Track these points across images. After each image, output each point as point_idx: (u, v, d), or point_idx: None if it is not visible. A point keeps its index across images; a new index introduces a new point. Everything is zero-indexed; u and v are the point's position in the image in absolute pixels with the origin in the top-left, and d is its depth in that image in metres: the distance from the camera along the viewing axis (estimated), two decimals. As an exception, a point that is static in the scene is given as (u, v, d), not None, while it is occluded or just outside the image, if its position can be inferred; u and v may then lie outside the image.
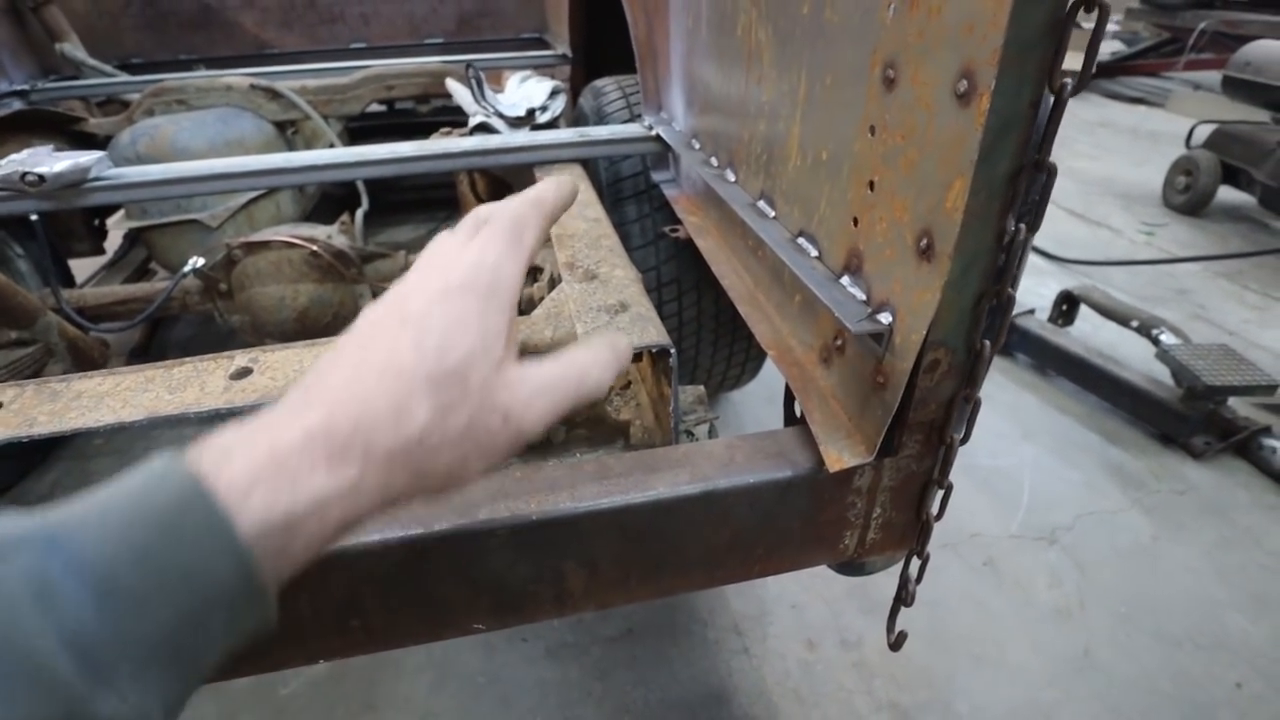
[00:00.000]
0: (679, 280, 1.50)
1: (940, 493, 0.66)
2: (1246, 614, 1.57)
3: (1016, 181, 0.49)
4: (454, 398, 0.37)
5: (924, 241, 0.51)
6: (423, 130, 2.05)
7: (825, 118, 0.65)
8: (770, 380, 2.01)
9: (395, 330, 0.38)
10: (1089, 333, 2.57)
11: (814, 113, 0.67)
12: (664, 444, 0.75)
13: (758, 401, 2.24)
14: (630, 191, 1.50)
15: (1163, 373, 2.16)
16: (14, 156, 1.05)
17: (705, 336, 1.62)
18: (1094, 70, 0.45)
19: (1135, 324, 2.24)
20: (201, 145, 1.78)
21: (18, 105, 1.90)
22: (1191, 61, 5.93)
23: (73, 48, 2.18)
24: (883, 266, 0.57)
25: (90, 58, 2.21)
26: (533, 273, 1.25)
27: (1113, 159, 4.83)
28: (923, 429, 0.62)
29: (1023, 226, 0.50)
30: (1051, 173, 0.48)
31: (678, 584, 0.68)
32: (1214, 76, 4.91)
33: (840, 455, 0.61)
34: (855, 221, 0.61)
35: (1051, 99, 0.45)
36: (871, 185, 0.58)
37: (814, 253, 0.69)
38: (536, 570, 0.62)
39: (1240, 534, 1.79)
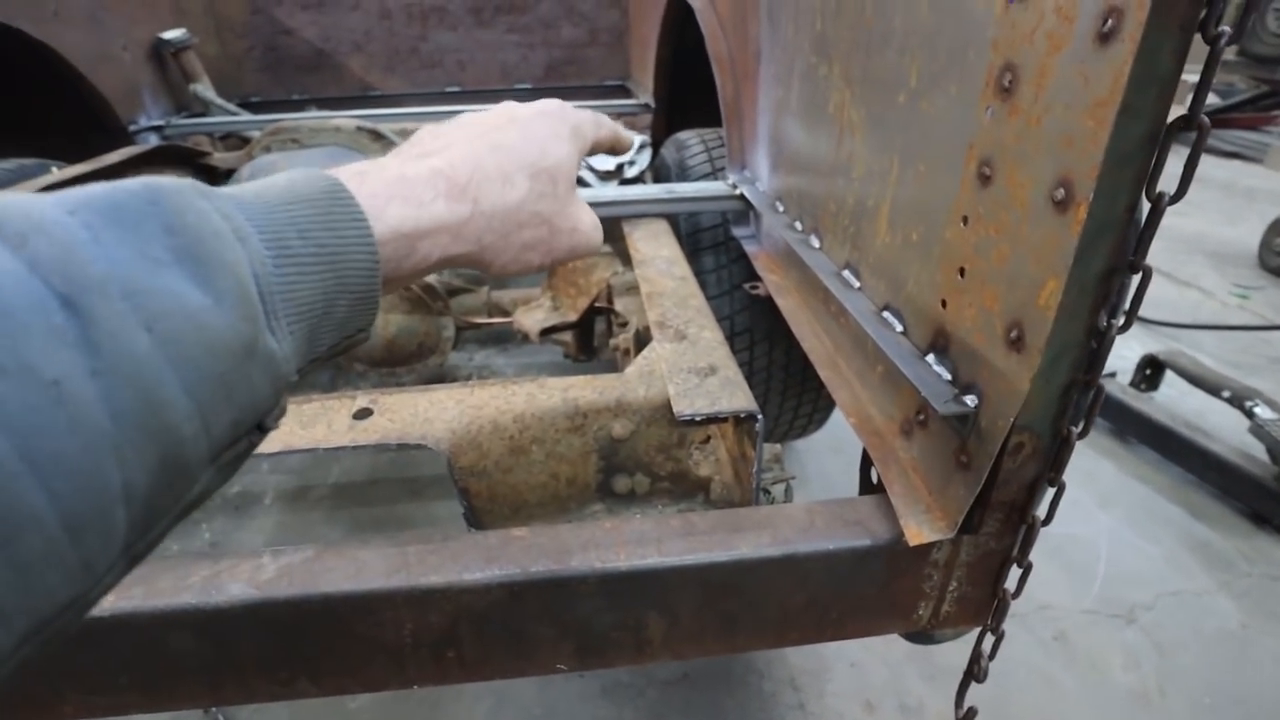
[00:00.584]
0: (751, 330, 1.53)
1: (1019, 571, 0.67)
2: (1346, 715, 1.47)
3: (1110, 281, 0.50)
4: (546, 188, 0.48)
5: (1014, 333, 0.53)
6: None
7: (917, 201, 0.68)
8: (835, 430, 2.00)
9: (505, 124, 0.49)
10: (1175, 399, 2.46)
11: (905, 194, 0.70)
12: (743, 502, 0.77)
13: (822, 450, 2.23)
14: (709, 243, 1.54)
15: (1255, 447, 2.06)
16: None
17: (774, 386, 1.64)
18: (1192, 176, 0.47)
19: (1227, 394, 2.14)
20: (311, 182, 1.92)
21: (154, 139, 2.09)
22: (1294, 118, 5.67)
23: (204, 88, 2.40)
24: (970, 350, 0.60)
25: (216, 97, 2.42)
26: (612, 316, 1.30)
27: (1204, 215, 4.64)
28: (1003, 508, 0.63)
29: (1115, 323, 0.52)
30: (1146, 274, 0.50)
31: (751, 641, 0.70)
32: (1319, 135, 4.68)
33: (920, 529, 0.63)
34: (944, 304, 0.64)
35: (1148, 205, 0.47)
36: (962, 272, 0.60)
37: (899, 327, 0.72)
38: (620, 618, 0.65)
39: (1340, 627, 1.67)
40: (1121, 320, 0.52)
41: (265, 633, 0.61)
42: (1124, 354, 2.81)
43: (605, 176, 1.35)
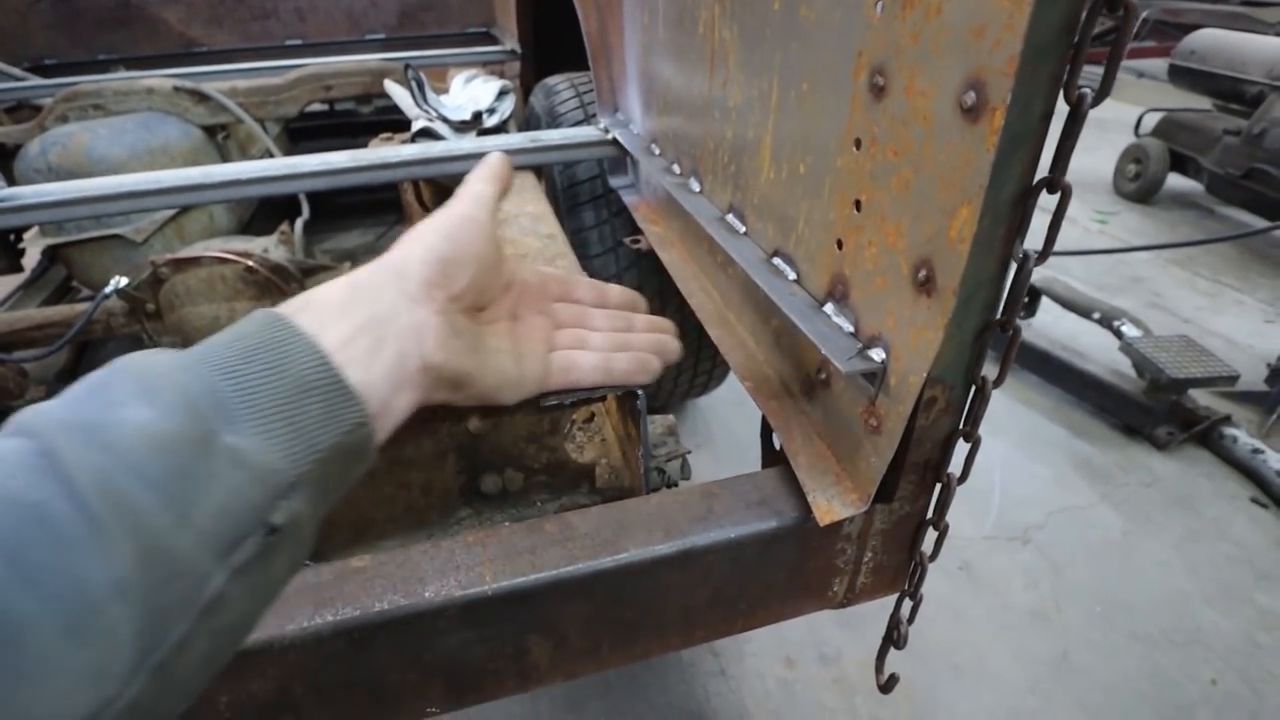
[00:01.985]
0: (640, 289, 1.42)
1: (935, 534, 0.61)
2: (1217, 608, 1.58)
3: (1026, 204, 0.43)
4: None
5: (923, 273, 0.45)
6: (368, 130, 1.93)
7: (802, 127, 0.58)
8: (736, 383, 1.96)
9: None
10: (1050, 324, 2.58)
11: (789, 121, 0.60)
12: (633, 486, 0.68)
13: (726, 404, 2.19)
14: (587, 196, 1.42)
15: (1125, 365, 2.17)
16: (-111, 176, 0.93)
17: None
18: (1114, 79, 0.39)
19: (1097, 315, 2.25)
20: (121, 154, 1.64)
21: (-87, 113, 1.73)
22: (1134, 49, 6.08)
23: (-24, 48, 2.01)
24: (873, 296, 0.51)
25: (-4, 59, 2.04)
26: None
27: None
28: (917, 470, 0.57)
29: (1033, 253, 0.45)
30: (1066, 194, 0.42)
31: (653, 647, 0.61)
32: (1157, 64, 5.03)
33: (831, 506, 0.55)
34: (839, 244, 0.55)
35: (1068, 111, 0.39)
36: (858, 205, 0.52)
37: (792, 275, 0.63)
38: (496, 648, 0.54)
39: (1206, 525, 1.80)
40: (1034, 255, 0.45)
41: None
42: (1002, 284, 2.92)
43: (461, 127, 1.20)
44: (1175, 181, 3.79)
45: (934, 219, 0.43)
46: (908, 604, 0.68)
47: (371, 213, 3.09)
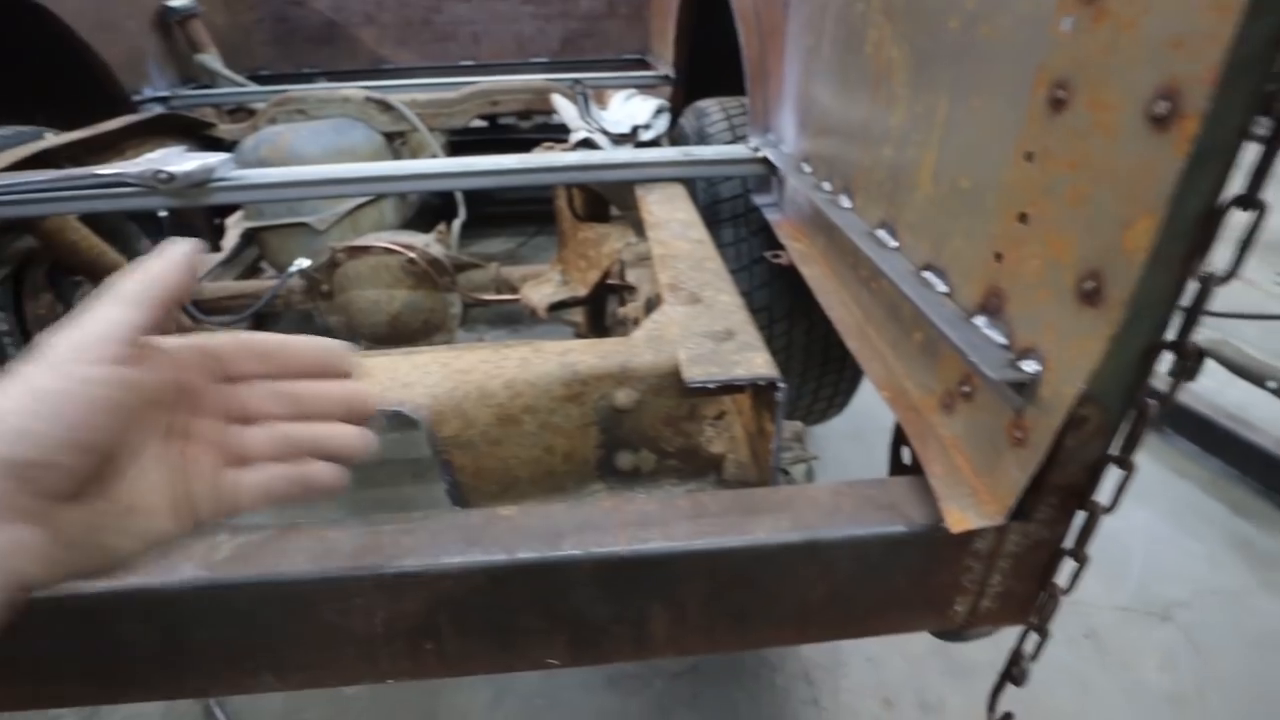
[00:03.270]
0: (770, 308, 1.44)
1: (1071, 565, 0.59)
2: (1402, 727, 1.37)
3: (1211, 220, 0.42)
4: None
5: (1089, 284, 0.45)
6: (522, 146, 2.08)
7: (969, 142, 0.59)
8: (853, 417, 1.91)
9: None
10: (1215, 390, 2.34)
11: (955, 137, 0.61)
12: (760, 483, 0.70)
13: (840, 437, 2.14)
14: (728, 214, 1.46)
15: (1304, 442, 1.94)
16: (149, 156, 1.11)
17: (794, 368, 1.56)
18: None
19: (1273, 385, 2.02)
20: (316, 152, 1.86)
21: (159, 110, 2.04)
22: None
23: (210, 59, 2.34)
24: (1031, 309, 0.51)
25: (224, 68, 2.36)
26: (625, 292, 1.22)
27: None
28: (1059, 492, 0.55)
29: (1215, 274, 0.43)
30: (1263, 211, 0.41)
31: (767, 637, 0.62)
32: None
33: (965, 515, 0.54)
34: (998, 257, 0.55)
35: (1271, 124, 0.38)
36: (1024, 218, 0.52)
37: (942, 288, 0.63)
38: (619, 609, 0.58)
39: (1394, 632, 1.57)
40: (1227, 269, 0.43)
41: (221, 619, 0.55)
42: (1160, 344, 2.69)
43: (619, 140, 1.27)
44: (1383, 249, 3.35)
45: (1109, 231, 0.43)
46: (1032, 639, 0.66)
47: (513, 223, 3.29)
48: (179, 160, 1.07)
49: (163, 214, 1.63)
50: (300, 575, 0.53)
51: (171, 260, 0.40)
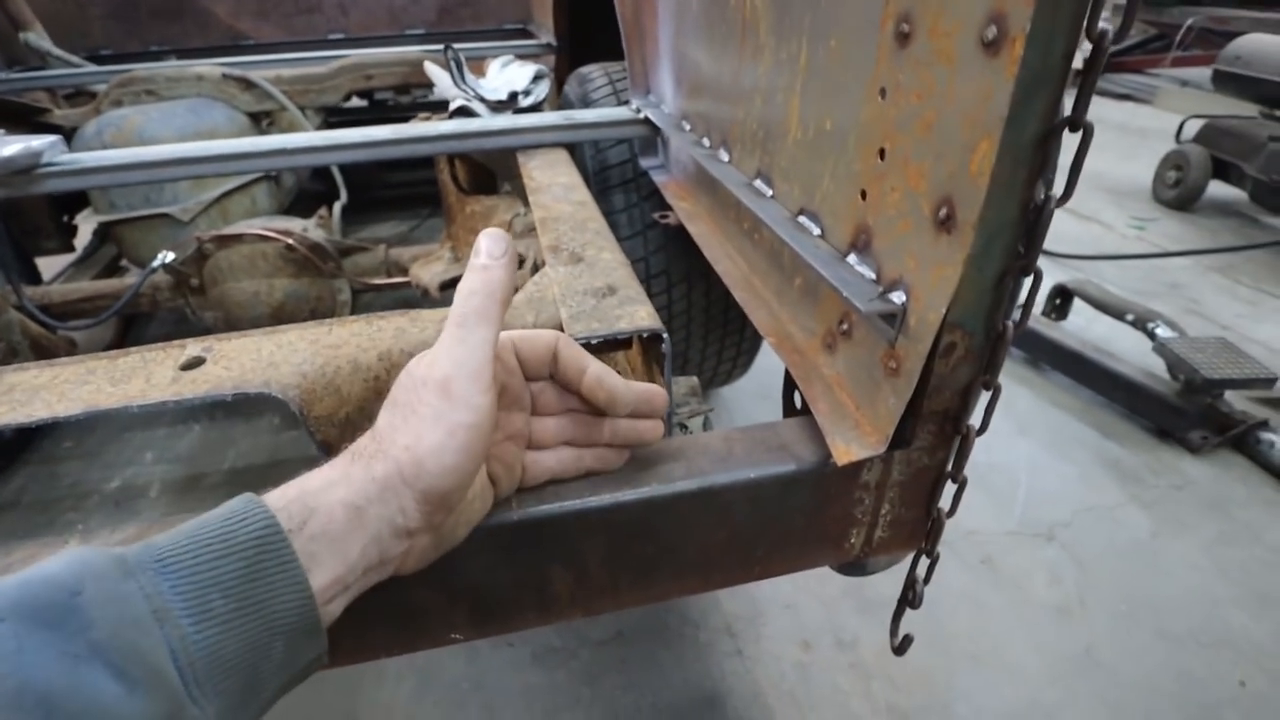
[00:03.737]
0: (668, 272, 1.45)
1: (954, 488, 0.62)
2: (1248, 611, 1.55)
3: (1047, 145, 0.44)
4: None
5: (943, 211, 0.47)
6: (403, 122, 1.99)
7: (829, 85, 0.60)
8: (760, 376, 1.97)
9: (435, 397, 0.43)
10: (1083, 327, 2.54)
11: (816, 80, 0.62)
12: (656, 438, 0.69)
13: (748, 398, 2.20)
14: (617, 180, 1.45)
15: (1158, 367, 2.14)
16: (-39, 140, 0.99)
17: (695, 330, 1.58)
18: (1134, 19, 0.41)
19: (1130, 317, 2.22)
20: (171, 136, 1.71)
21: (-21, 95, 1.82)
22: (1179, 58, 5.97)
23: (37, 37, 2.10)
24: (895, 241, 0.53)
25: (56, 48, 2.13)
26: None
27: (1102, 155, 4.82)
28: (936, 419, 0.58)
29: (1052, 195, 0.46)
30: (1088, 132, 0.43)
31: (672, 588, 0.63)
32: (1201, 73, 4.93)
33: (849, 447, 0.56)
34: (863, 195, 0.57)
35: (1090, 48, 0.40)
36: (882, 153, 0.53)
37: (816, 231, 0.65)
38: (518, 575, 0.57)
39: (1240, 529, 1.76)
40: (1054, 197, 0.46)
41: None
42: (1033, 286, 2.89)
43: (498, 107, 1.23)
44: (1217, 189, 3.72)
45: (955, 156, 0.45)
46: (924, 563, 0.69)
47: (406, 205, 3.15)
48: (-2, 145, 0.96)
49: (-8, 210, 1.46)
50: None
51: (501, 261, 0.44)
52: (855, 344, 0.60)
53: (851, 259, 0.59)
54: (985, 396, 0.55)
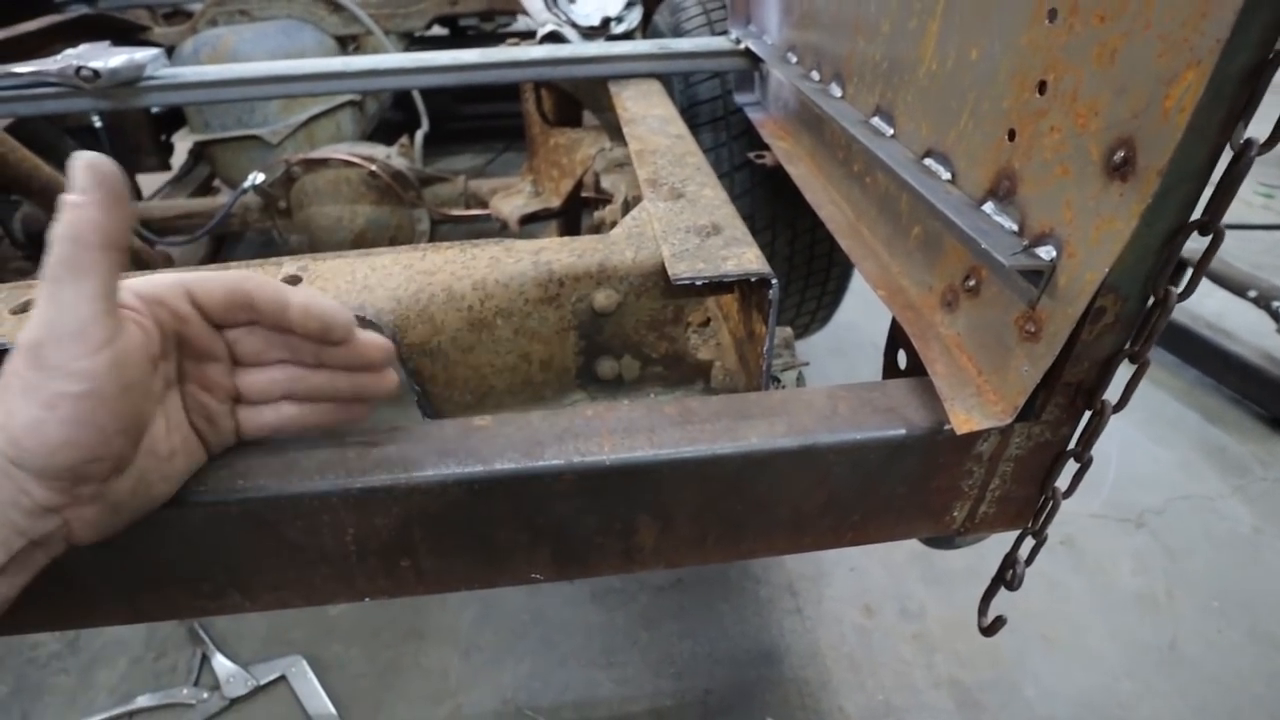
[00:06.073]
0: (753, 216, 1.38)
1: (1076, 468, 0.57)
2: (1357, 618, 1.43)
3: (1259, 78, 0.37)
4: None
5: (1120, 154, 0.40)
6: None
7: (980, 6, 0.53)
8: (836, 331, 1.89)
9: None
10: (1193, 300, 2.34)
11: (964, 1, 0.55)
12: (750, 389, 0.66)
13: (824, 353, 2.13)
14: (707, 117, 1.38)
15: (1277, 349, 1.96)
16: (70, 51, 1.00)
17: (778, 280, 1.52)
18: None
19: (1253, 294, 2.03)
20: (263, 56, 1.72)
21: (84, 10, 1.86)
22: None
23: (138, -47, 2.13)
24: (1048, 189, 0.47)
25: (156, -36, 2.16)
26: (600, 204, 1.15)
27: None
28: (1068, 391, 0.52)
29: (1254, 140, 0.39)
30: (1319, 69, 0.36)
31: (759, 547, 0.60)
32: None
33: (970, 415, 0.51)
34: (1010, 135, 0.50)
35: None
36: (1042, 87, 0.47)
37: (946, 175, 0.58)
38: (605, 521, 0.55)
39: (1355, 530, 1.62)
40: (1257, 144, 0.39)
41: (178, 541, 0.51)
42: (1140, 255, 2.68)
43: (589, 33, 1.18)
44: (1363, 157, 3.34)
45: (1145, 89, 0.38)
46: (1028, 544, 0.65)
47: (481, 138, 3.14)
48: (104, 55, 0.96)
49: (97, 123, 1.50)
50: (259, 494, 0.49)
51: (92, 197, 0.37)
52: (983, 303, 0.55)
53: (988, 208, 0.53)
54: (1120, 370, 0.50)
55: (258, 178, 1.54)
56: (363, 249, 1.63)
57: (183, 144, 2.17)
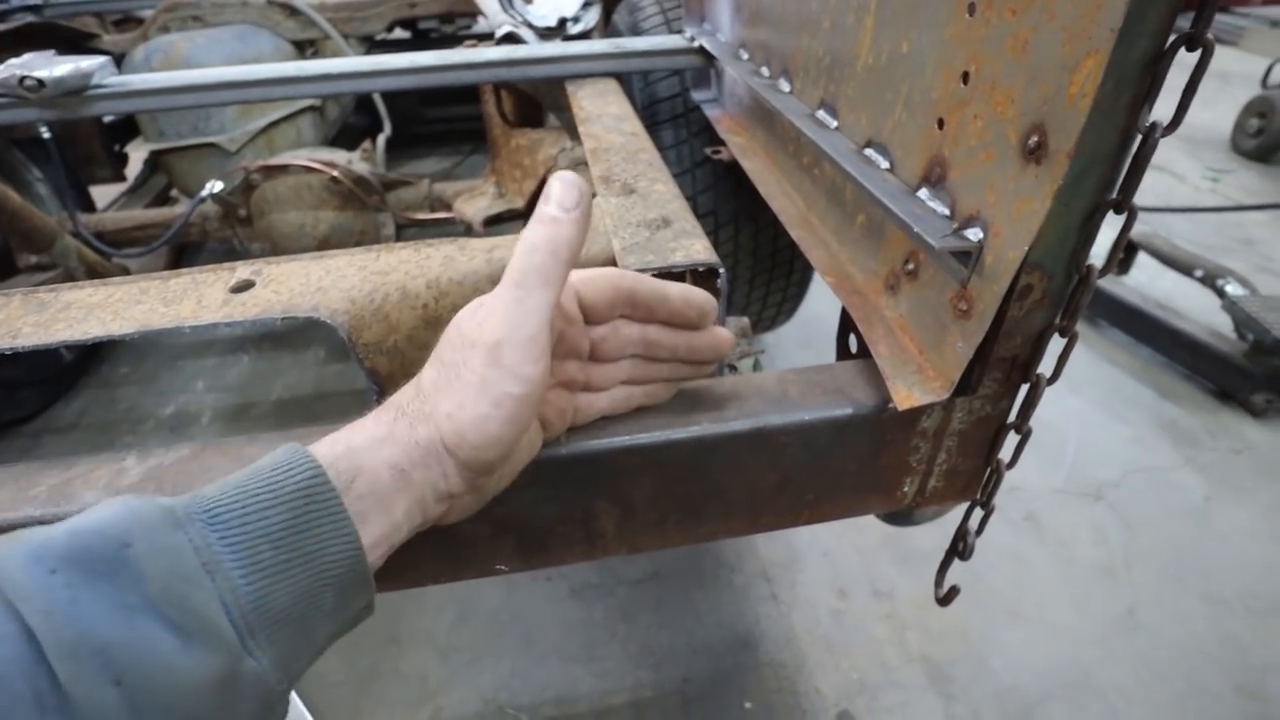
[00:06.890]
0: (716, 211, 1.41)
1: (1017, 439, 0.59)
2: (1304, 579, 1.50)
3: (1159, 65, 0.40)
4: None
5: (1034, 139, 0.43)
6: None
7: (909, 1, 0.55)
8: (803, 324, 1.93)
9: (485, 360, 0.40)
10: (1145, 283, 2.43)
11: (894, -3, 0.58)
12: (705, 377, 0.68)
13: (792, 345, 2.16)
14: (667, 115, 1.40)
15: (1224, 326, 2.04)
16: (13, 61, 0.99)
17: (742, 273, 1.54)
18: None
19: (1199, 273, 2.10)
20: (217, 62, 1.69)
21: (29, 19, 1.82)
22: (1271, -5, 5.49)
23: (85, -40, 2.09)
24: (974, 174, 0.49)
25: (104, -28, 2.12)
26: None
27: (1177, 99, 4.52)
28: (1003, 366, 0.55)
29: (1159, 123, 0.42)
30: (1208, 51, 0.39)
31: (718, 529, 0.62)
32: (1296, 10, 4.55)
33: (911, 392, 0.54)
34: (940, 124, 0.53)
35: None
36: (965, 77, 0.49)
37: (884, 164, 0.61)
38: (565, 510, 0.56)
39: (1301, 496, 1.69)
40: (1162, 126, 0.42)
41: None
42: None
43: (546, 34, 1.19)
44: (1303, 139, 3.46)
45: (1052, 77, 0.41)
46: (977, 514, 0.67)
47: (446, 142, 3.12)
48: (49, 64, 0.95)
49: (46, 134, 1.48)
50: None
51: (573, 215, 0.40)
52: (921, 284, 0.57)
53: (923, 194, 0.55)
54: (1054, 344, 0.52)
55: (215, 186, 1.53)
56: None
57: (137, 154, 2.14)
